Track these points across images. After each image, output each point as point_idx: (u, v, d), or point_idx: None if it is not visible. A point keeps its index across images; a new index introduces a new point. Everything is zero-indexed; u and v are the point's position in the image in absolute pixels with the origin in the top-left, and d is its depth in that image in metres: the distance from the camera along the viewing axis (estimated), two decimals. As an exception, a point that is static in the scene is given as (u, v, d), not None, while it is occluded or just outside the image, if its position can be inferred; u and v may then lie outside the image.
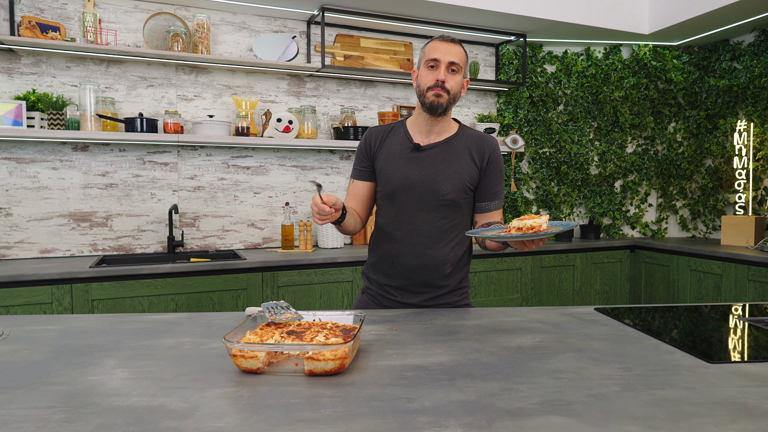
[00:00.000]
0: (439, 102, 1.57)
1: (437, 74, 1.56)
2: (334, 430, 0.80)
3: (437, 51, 1.57)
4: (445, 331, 1.38)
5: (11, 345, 1.25)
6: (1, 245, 2.87)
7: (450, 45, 1.57)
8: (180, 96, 3.21)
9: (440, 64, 1.56)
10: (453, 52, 1.57)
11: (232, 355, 1.04)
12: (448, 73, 1.57)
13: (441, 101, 1.57)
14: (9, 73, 2.85)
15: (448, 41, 1.58)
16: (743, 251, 3.22)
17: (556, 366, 1.10)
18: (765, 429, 0.81)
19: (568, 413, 0.87)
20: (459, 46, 1.59)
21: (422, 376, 1.04)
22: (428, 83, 1.57)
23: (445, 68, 1.56)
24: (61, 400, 0.92)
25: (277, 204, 3.46)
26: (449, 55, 1.56)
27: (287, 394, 0.95)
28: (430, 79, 1.57)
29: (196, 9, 3.20)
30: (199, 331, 1.37)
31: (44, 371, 1.07)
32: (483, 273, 3.43)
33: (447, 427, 0.82)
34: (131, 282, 2.61)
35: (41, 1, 2.90)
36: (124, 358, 1.15)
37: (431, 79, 1.57)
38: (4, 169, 2.87)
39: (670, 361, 1.14)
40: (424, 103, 1.60)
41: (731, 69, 3.83)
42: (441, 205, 1.61)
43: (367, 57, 3.62)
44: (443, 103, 1.58)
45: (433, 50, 1.57)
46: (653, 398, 0.93)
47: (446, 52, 1.56)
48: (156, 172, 3.17)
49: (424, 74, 1.59)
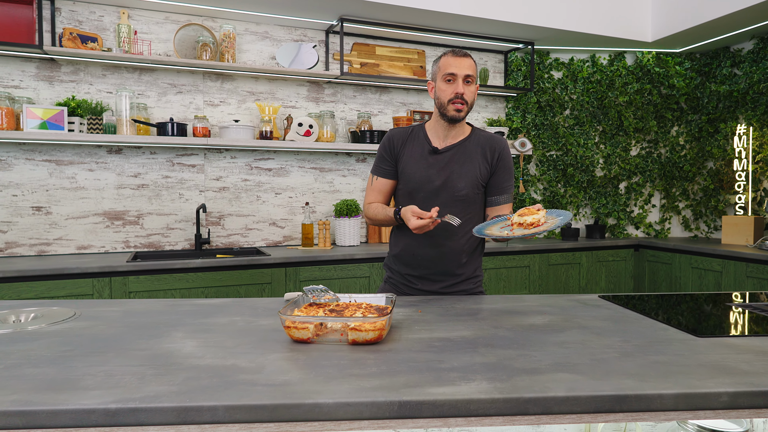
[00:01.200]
0: (460, 115, 1.75)
1: (456, 87, 1.72)
2: (381, 382, 0.98)
3: (453, 66, 1.72)
4: (464, 312, 1.55)
5: (85, 322, 1.43)
6: (41, 241, 3.07)
7: (463, 59, 1.74)
8: (207, 102, 3.41)
9: (457, 77, 1.72)
10: (467, 65, 1.73)
11: (285, 327, 1.22)
12: (464, 85, 1.73)
13: (461, 114, 1.75)
14: (50, 81, 3.06)
15: (460, 55, 1.74)
16: (742, 249, 3.37)
17: (563, 339, 1.27)
18: (737, 382, 0.98)
19: (574, 371, 1.04)
20: (471, 59, 1.76)
21: (449, 346, 1.21)
22: (448, 96, 1.73)
23: (462, 81, 1.73)
24: (147, 360, 1.10)
25: (297, 204, 3.65)
26: (464, 68, 1.73)
27: (336, 357, 1.12)
28: (450, 92, 1.73)
29: (222, 20, 3.39)
30: (246, 312, 1.55)
31: (124, 340, 1.25)
32: (493, 270, 3.60)
33: (474, 380, 0.99)
34: (165, 276, 2.80)
35: (80, 14, 3.10)
36: (188, 331, 1.33)
37: (450, 92, 1.73)
38: (45, 170, 3.07)
39: (663, 336, 1.30)
40: (445, 115, 1.76)
41: (731, 75, 3.99)
42: (457, 200, 1.79)
43: (382, 64, 3.81)
44: (463, 115, 1.76)
45: (449, 65, 1.73)
46: (647, 362, 1.10)
47: (461, 66, 1.72)
48: (184, 173, 3.36)
49: (443, 88, 1.75)
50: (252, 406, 0.89)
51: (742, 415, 0.95)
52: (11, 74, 2.97)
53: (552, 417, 0.94)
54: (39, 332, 1.32)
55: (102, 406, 0.87)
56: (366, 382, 0.97)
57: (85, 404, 0.87)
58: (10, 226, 3.01)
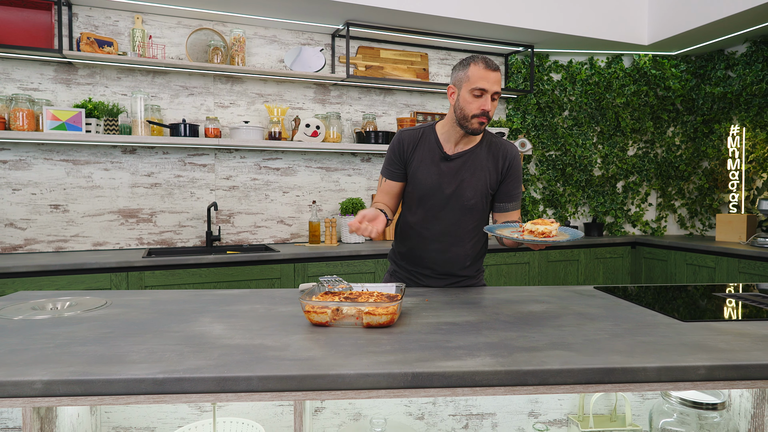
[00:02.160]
0: (482, 129, 1.73)
1: (484, 104, 1.67)
2: (395, 357, 1.09)
3: (485, 81, 1.65)
4: (468, 301, 1.67)
5: (118, 309, 1.55)
6: (59, 238, 3.19)
7: (495, 73, 1.67)
8: (217, 103, 3.52)
9: (487, 93, 1.67)
10: (497, 80, 1.67)
11: (305, 311, 1.34)
12: (492, 102, 1.68)
13: (483, 128, 1.73)
14: (68, 84, 3.17)
15: (492, 69, 1.67)
16: (735, 246, 3.48)
17: (560, 323, 1.39)
18: (714, 357, 1.10)
19: (569, 349, 1.15)
20: (500, 73, 1.70)
21: (455, 329, 1.33)
22: (474, 111, 1.68)
23: (490, 98, 1.68)
24: (183, 340, 1.21)
25: (304, 202, 3.76)
26: (495, 84, 1.67)
27: (353, 338, 1.24)
28: (476, 108, 1.68)
29: (233, 24, 3.51)
30: (265, 301, 1.66)
31: (157, 324, 1.36)
32: (494, 266, 3.71)
33: (479, 356, 1.10)
34: (179, 271, 2.91)
35: (96, 19, 3.22)
36: (215, 317, 1.45)
37: (477, 108, 1.68)
38: (63, 170, 3.18)
39: (651, 321, 1.42)
40: (467, 128, 1.72)
41: (726, 77, 4.10)
42: (465, 208, 1.83)
43: (387, 67, 3.92)
44: (484, 129, 1.75)
45: (481, 79, 1.65)
46: (634, 341, 1.22)
47: (493, 82, 1.66)
48: (195, 172, 3.48)
49: (469, 100, 1.68)
50: (282, 376, 1.00)
51: (717, 386, 1.07)
52: (30, 77, 3.09)
53: (548, 387, 1.05)
54: (77, 318, 1.43)
55: (150, 376, 0.99)
56: (382, 358, 1.09)
57: (135, 374, 0.99)
58: (29, 223, 3.13)
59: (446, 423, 1.34)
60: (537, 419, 1.35)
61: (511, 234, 1.54)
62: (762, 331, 1.30)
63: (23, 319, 1.40)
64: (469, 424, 1.35)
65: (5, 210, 3.08)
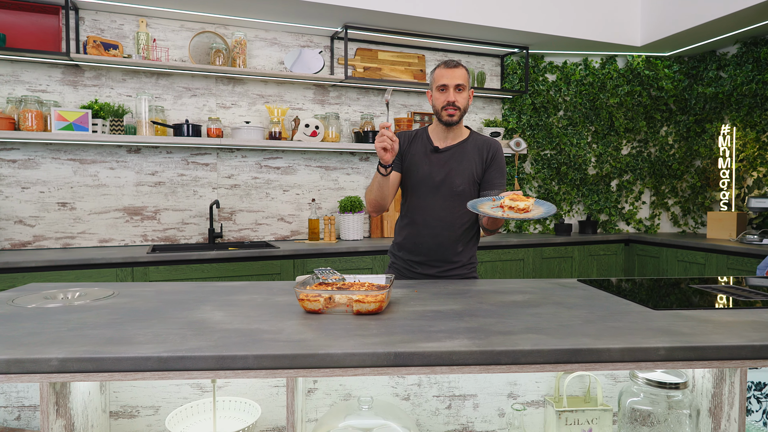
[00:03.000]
0: (453, 119, 1.98)
1: (447, 96, 1.95)
2: (380, 339, 1.19)
3: (444, 77, 1.95)
4: (455, 292, 1.76)
5: (124, 299, 1.65)
6: (66, 235, 3.30)
7: (454, 70, 1.95)
8: (219, 104, 3.63)
9: (449, 87, 1.95)
10: (457, 75, 1.95)
11: (300, 299, 1.43)
12: (456, 93, 1.96)
13: (454, 118, 1.98)
14: (74, 86, 3.28)
15: (452, 66, 1.95)
16: (725, 243, 3.56)
17: (538, 311, 1.48)
18: (675, 340, 1.19)
19: (542, 333, 1.25)
20: (462, 68, 1.97)
21: (438, 316, 1.42)
22: (441, 104, 1.97)
23: (453, 90, 1.95)
24: (185, 325, 1.31)
25: (303, 200, 3.86)
26: (455, 79, 1.95)
27: (343, 323, 1.33)
28: (442, 101, 1.96)
29: (234, 27, 3.61)
30: (263, 292, 1.76)
31: (162, 312, 1.46)
32: (489, 263, 3.80)
33: (457, 338, 1.20)
34: (182, 266, 3.02)
35: (101, 23, 3.32)
36: (215, 305, 1.55)
37: (443, 101, 1.96)
38: (70, 168, 3.29)
39: (624, 309, 1.51)
40: (441, 120, 2.00)
41: (717, 78, 4.18)
42: (454, 195, 2.01)
43: (384, 68, 4.02)
44: (456, 119, 1.99)
45: (441, 77, 1.95)
46: (605, 327, 1.31)
47: (452, 76, 1.94)
48: (198, 171, 3.58)
49: (437, 96, 1.98)
50: (276, 355, 1.10)
51: (677, 366, 1.16)
52: (39, 79, 3.20)
53: (520, 366, 1.14)
54: (87, 306, 1.53)
55: (155, 354, 1.08)
56: (368, 340, 1.18)
57: (141, 353, 1.09)
58: (37, 221, 3.24)
59: (430, 403, 1.43)
60: (515, 400, 1.45)
61: (493, 212, 1.67)
62: (725, 318, 1.39)
63: (36, 307, 1.50)
64: (452, 405, 1.44)
65: (14, 207, 3.19)
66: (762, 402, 1.46)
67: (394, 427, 1.25)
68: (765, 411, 1.46)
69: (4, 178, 3.16)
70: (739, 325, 1.31)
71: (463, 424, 1.44)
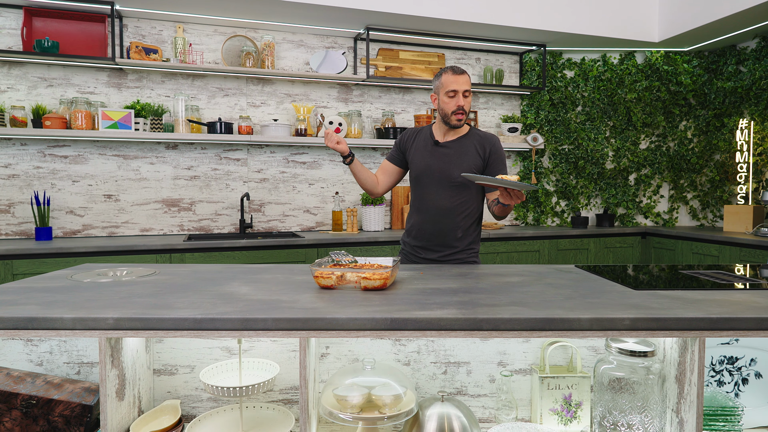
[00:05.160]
0: (461, 123, 2.17)
1: (458, 101, 2.12)
2: (381, 308, 1.38)
3: (454, 83, 2.11)
4: (457, 274, 1.94)
5: (165, 276, 1.89)
6: (111, 224, 3.60)
7: (461, 76, 2.13)
8: (249, 103, 3.87)
9: (458, 93, 2.12)
10: (465, 81, 2.13)
11: (315, 276, 1.64)
12: (464, 98, 2.13)
13: (462, 123, 2.16)
14: (118, 87, 3.57)
15: (459, 73, 2.12)
16: (740, 236, 3.62)
17: (527, 290, 1.65)
18: (641, 312, 1.34)
19: (524, 306, 1.42)
20: (467, 75, 2.15)
21: (436, 292, 1.60)
22: (451, 109, 2.13)
23: (462, 95, 2.12)
24: (216, 297, 1.53)
25: (328, 193, 4.09)
26: (463, 84, 2.12)
27: (351, 296, 1.53)
28: (452, 106, 2.13)
29: (263, 31, 3.85)
30: (285, 272, 1.98)
31: (196, 286, 1.69)
32: (505, 254, 3.95)
33: (447, 309, 1.38)
34: (215, 253, 3.28)
35: (142, 29, 3.61)
36: (242, 282, 1.77)
37: (453, 106, 2.12)
38: (114, 164, 3.59)
39: (608, 289, 1.66)
40: (449, 123, 2.17)
41: (737, 72, 4.21)
42: (453, 185, 2.19)
43: (405, 67, 4.20)
44: (463, 123, 2.17)
45: (450, 83, 2.11)
46: (583, 303, 1.47)
47: (461, 83, 2.11)
48: (230, 166, 3.84)
49: (446, 101, 2.14)
50: (291, 318, 1.30)
51: (640, 335, 1.32)
52: (87, 82, 3.50)
53: (500, 333, 1.32)
54: (134, 281, 1.78)
55: (191, 316, 1.31)
56: (370, 308, 1.38)
57: (180, 315, 1.31)
58: (86, 211, 3.55)
59: (428, 369, 1.62)
60: (505, 368, 1.62)
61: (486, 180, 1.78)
62: (697, 297, 1.53)
63: (91, 282, 1.75)
64: (448, 371, 1.62)
65: (66, 199, 3.51)
66: (734, 374, 1.59)
67: (394, 385, 1.44)
68: (736, 383, 1.59)
69: (57, 172, 3.48)
70: (707, 303, 1.45)
71: (458, 388, 1.62)
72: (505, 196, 1.87)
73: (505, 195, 1.87)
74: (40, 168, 3.45)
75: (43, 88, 3.43)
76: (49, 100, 3.43)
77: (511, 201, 1.88)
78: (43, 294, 1.56)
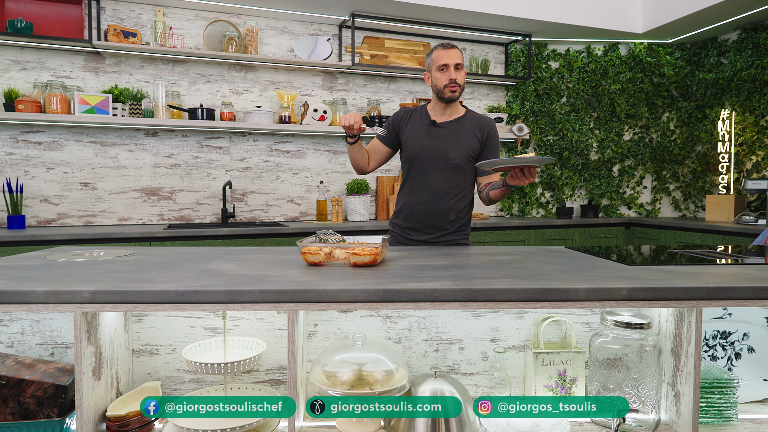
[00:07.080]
0: (455, 95, 2.12)
1: (449, 75, 2.09)
2: (372, 281, 1.33)
3: (444, 57, 2.09)
4: (448, 253, 1.90)
5: (144, 256, 1.81)
6: (88, 213, 3.49)
7: (452, 50, 2.09)
8: (232, 90, 3.79)
9: (449, 66, 2.08)
10: (455, 54, 2.10)
11: (302, 252, 1.58)
12: (455, 72, 2.09)
13: (456, 94, 2.12)
14: (95, 72, 3.46)
15: (449, 47, 2.10)
16: (722, 224, 3.65)
17: (520, 266, 1.61)
18: (637, 283, 1.31)
19: (519, 278, 1.38)
20: (458, 49, 2.12)
21: (428, 268, 1.56)
22: (444, 82, 2.09)
23: (453, 68, 2.08)
24: (199, 273, 1.47)
25: (312, 183, 4.02)
26: (454, 58, 2.09)
27: (340, 272, 1.48)
28: (445, 79, 2.09)
29: (246, 16, 3.77)
30: (270, 253, 1.92)
31: (179, 264, 1.62)
32: (491, 244, 3.93)
33: (441, 281, 1.34)
34: (196, 242, 3.19)
35: (121, 12, 3.50)
36: (227, 260, 1.70)
37: (446, 79, 2.09)
38: (91, 151, 3.48)
39: (600, 265, 1.63)
40: (443, 98, 2.12)
41: (718, 64, 4.25)
42: (449, 167, 2.14)
43: (391, 56, 4.15)
44: (458, 96, 2.13)
45: (441, 57, 2.09)
46: (578, 276, 1.44)
47: (451, 56, 2.09)
48: (212, 154, 3.75)
49: (438, 76, 2.10)
50: (279, 290, 1.25)
51: (638, 305, 1.29)
52: (63, 66, 3.38)
53: (495, 303, 1.28)
54: (111, 260, 1.70)
55: (173, 289, 1.24)
56: (361, 281, 1.33)
57: (161, 288, 1.24)
58: (61, 199, 3.43)
59: (420, 347, 1.58)
60: (498, 345, 1.58)
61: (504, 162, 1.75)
62: (691, 270, 1.52)
63: (67, 261, 1.67)
64: (440, 348, 1.58)
65: (40, 187, 3.38)
66: (727, 349, 1.58)
67: (385, 361, 1.40)
68: (729, 357, 1.58)
69: (30, 159, 3.36)
70: (702, 275, 1.43)
71: (450, 366, 1.58)
72: (519, 177, 1.81)
73: (519, 176, 1.81)
74: (13, 154, 3.33)
75: (16, 71, 3.30)
76: (22, 84, 3.31)
77: (525, 180, 1.81)
78: (15, 271, 1.48)
